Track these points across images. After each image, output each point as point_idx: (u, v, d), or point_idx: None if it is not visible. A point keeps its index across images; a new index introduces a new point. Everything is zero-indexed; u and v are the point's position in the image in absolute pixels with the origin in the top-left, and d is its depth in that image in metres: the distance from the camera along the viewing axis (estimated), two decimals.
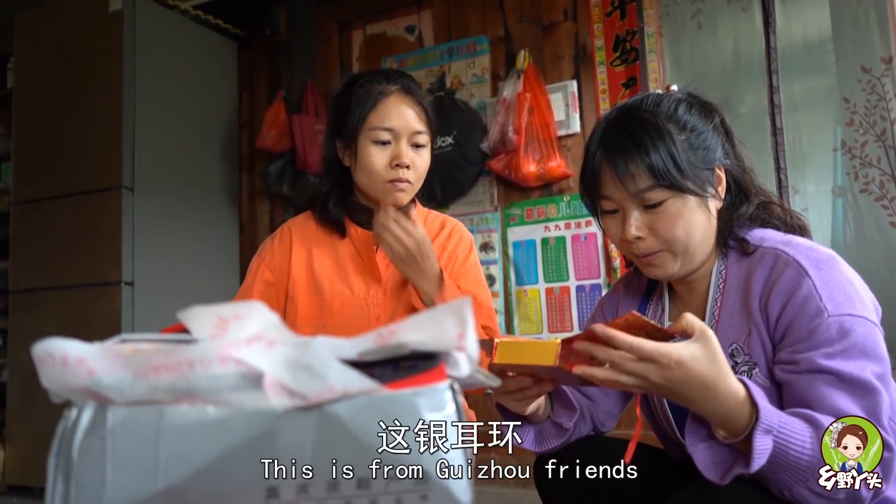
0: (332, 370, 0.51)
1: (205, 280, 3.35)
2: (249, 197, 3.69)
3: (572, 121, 2.90)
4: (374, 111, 1.36)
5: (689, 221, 1.02)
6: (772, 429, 0.85)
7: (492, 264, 3.04)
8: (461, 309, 0.54)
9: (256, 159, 3.65)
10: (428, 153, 1.42)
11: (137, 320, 2.96)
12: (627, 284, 1.28)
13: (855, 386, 0.90)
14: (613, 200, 1.06)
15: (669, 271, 1.07)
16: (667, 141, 1.01)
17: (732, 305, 1.04)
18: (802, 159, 2.57)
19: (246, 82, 3.75)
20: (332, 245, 1.47)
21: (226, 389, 0.51)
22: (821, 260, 0.97)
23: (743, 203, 1.10)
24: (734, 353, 1.02)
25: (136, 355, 0.51)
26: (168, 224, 3.19)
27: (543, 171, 2.84)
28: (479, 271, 1.51)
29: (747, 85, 2.67)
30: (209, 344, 0.51)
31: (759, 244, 1.04)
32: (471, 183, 3.07)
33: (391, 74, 1.40)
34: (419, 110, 1.38)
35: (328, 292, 1.41)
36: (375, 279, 1.43)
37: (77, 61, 3.14)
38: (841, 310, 0.92)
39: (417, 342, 0.55)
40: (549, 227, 2.93)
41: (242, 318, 0.52)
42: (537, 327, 2.91)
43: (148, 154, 3.09)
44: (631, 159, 1.01)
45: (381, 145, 1.37)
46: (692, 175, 1.01)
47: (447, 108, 3.11)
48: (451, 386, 0.57)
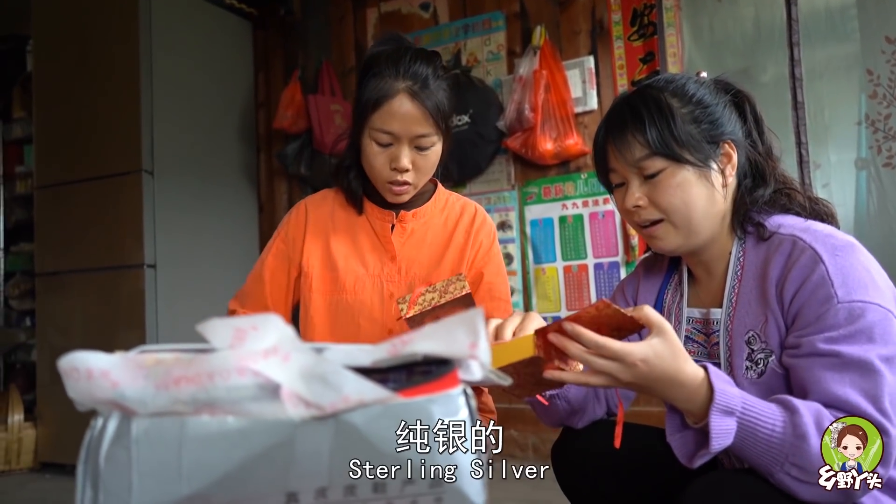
0: (346, 381, 0.52)
1: (225, 260, 3.39)
2: (268, 177, 3.71)
3: (589, 97, 2.88)
4: (378, 111, 1.32)
5: (687, 192, 1.04)
6: (733, 410, 0.87)
7: (509, 243, 3.04)
8: (473, 319, 0.55)
9: (274, 140, 3.67)
10: (434, 152, 1.37)
11: (161, 302, 3.01)
12: (648, 268, 1.28)
13: (854, 368, 0.89)
14: (618, 172, 1.11)
15: (672, 243, 1.08)
16: (665, 112, 1.05)
17: (750, 292, 1.04)
18: (825, 131, 2.53)
19: (261, 62, 3.75)
20: (349, 222, 1.48)
21: (244, 400, 0.52)
22: (837, 246, 0.96)
23: (760, 186, 1.10)
24: (751, 341, 1.02)
25: (158, 367, 0.53)
26: (188, 206, 3.23)
27: (560, 148, 2.83)
28: (500, 259, 1.52)
29: (768, 54, 2.62)
30: (227, 355, 0.52)
31: (775, 230, 1.04)
32: (487, 161, 3.06)
33: (404, 65, 1.33)
34: (424, 113, 1.31)
35: (342, 270, 1.43)
36: (390, 257, 1.44)
37: (94, 44, 3.16)
38: (852, 296, 0.92)
39: (431, 351, 0.56)
40: (567, 205, 2.92)
41: (259, 329, 0.53)
42: (555, 305, 2.92)
43: (166, 137, 3.11)
44: (628, 130, 1.06)
45: (381, 146, 1.35)
46: (691, 146, 1.04)
47: (463, 86, 3.09)
48: (464, 391, 0.59)
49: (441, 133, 1.36)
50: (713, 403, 0.87)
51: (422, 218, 1.48)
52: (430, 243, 1.46)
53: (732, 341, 1.05)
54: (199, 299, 3.18)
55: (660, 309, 1.22)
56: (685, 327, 1.16)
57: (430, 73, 1.34)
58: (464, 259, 1.45)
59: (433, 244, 1.47)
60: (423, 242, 1.46)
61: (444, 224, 1.49)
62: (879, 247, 2.41)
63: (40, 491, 2.90)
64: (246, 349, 0.53)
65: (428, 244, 1.46)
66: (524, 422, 2.88)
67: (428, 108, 1.31)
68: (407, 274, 1.43)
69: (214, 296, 3.24)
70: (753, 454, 0.88)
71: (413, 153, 1.34)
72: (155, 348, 0.57)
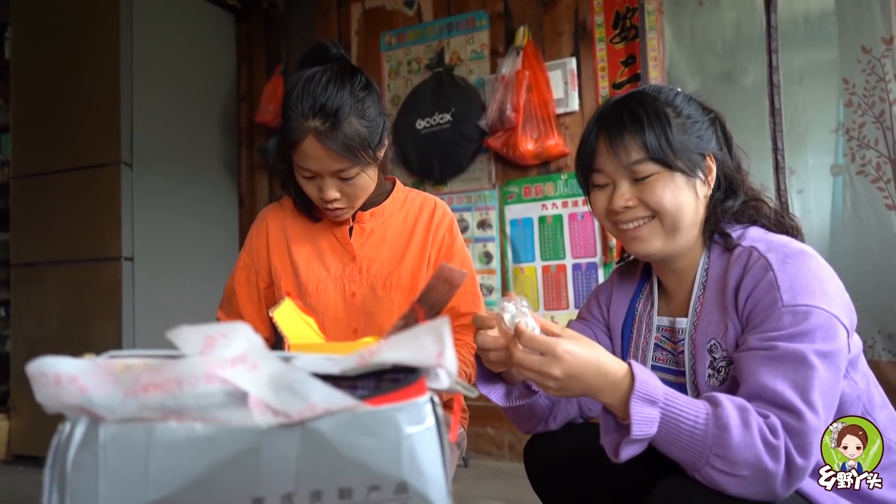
0: (313, 389, 0.53)
1: (204, 254, 3.37)
2: (249, 171, 3.69)
3: (571, 99, 2.90)
4: (293, 150, 1.31)
5: (677, 196, 1.07)
6: (654, 399, 0.89)
7: (489, 242, 3.05)
8: (440, 328, 0.56)
9: (255, 133, 3.65)
10: (361, 179, 1.35)
11: (138, 295, 2.99)
12: (622, 276, 1.30)
13: (788, 360, 0.90)
14: (605, 173, 1.11)
15: (653, 246, 1.10)
16: (662, 120, 1.07)
17: (712, 302, 1.07)
18: (802, 137, 2.56)
19: (244, 55, 3.73)
20: (308, 227, 1.50)
21: (212, 407, 0.53)
22: (788, 255, 0.98)
23: (730, 198, 1.13)
24: (713, 349, 1.04)
25: (126, 373, 0.53)
26: (167, 199, 3.20)
27: (541, 149, 2.84)
28: (464, 252, 1.53)
29: (749, 58, 2.65)
30: (196, 362, 0.53)
31: (738, 241, 1.07)
32: (469, 160, 3.07)
33: (311, 101, 1.29)
34: (336, 152, 1.28)
35: (304, 274, 1.45)
36: (351, 258, 1.46)
37: (73, 32, 3.12)
38: (797, 300, 0.93)
39: (398, 360, 0.57)
40: (547, 206, 2.94)
41: (228, 336, 0.53)
42: (534, 305, 2.94)
43: (146, 129, 3.09)
44: (626, 132, 1.07)
45: (307, 179, 1.35)
46: (683, 155, 1.06)
47: (446, 84, 3.10)
48: (431, 399, 0.59)
49: (362, 163, 1.32)
50: (633, 391, 0.89)
51: (380, 217, 1.49)
52: (391, 242, 1.47)
53: (696, 349, 1.07)
54: (176, 294, 3.16)
55: (632, 316, 1.24)
56: (655, 335, 1.18)
57: (343, 102, 1.29)
58: (425, 255, 1.46)
59: (393, 243, 1.47)
60: (382, 241, 1.47)
61: (403, 221, 1.50)
62: (852, 252, 2.45)
63: (13, 483, 2.87)
64: (215, 356, 0.53)
65: (388, 243, 1.47)
66: (500, 420, 2.90)
67: (336, 149, 1.27)
68: (368, 273, 1.44)
69: (192, 290, 3.23)
70: (678, 448, 0.89)
71: (338, 183, 1.34)
72: (124, 354, 0.58)
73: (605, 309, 1.29)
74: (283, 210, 1.54)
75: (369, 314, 1.42)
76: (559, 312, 2.88)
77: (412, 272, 1.44)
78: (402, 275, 1.43)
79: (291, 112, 1.30)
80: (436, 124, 3.08)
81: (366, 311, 1.42)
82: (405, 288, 1.42)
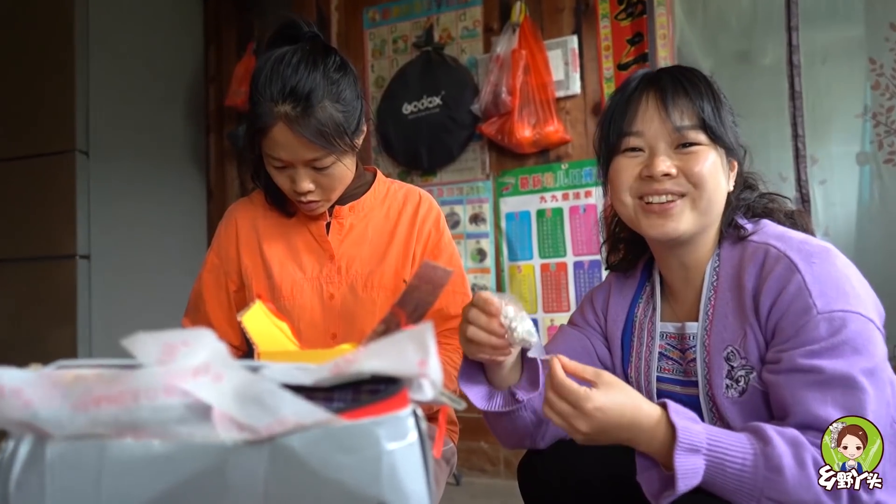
0: (283, 402, 0.53)
1: (169, 252, 3.36)
2: (218, 160, 3.68)
3: (572, 81, 2.90)
4: (264, 137, 1.31)
5: (716, 175, 1.09)
6: (698, 448, 0.90)
7: (482, 237, 3.05)
8: (422, 335, 0.55)
9: (225, 119, 3.64)
10: (337, 168, 1.35)
11: (95, 298, 2.97)
12: (620, 278, 1.30)
13: (837, 384, 0.92)
14: (645, 136, 1.11)
15: (683, 224, 1.09)
16: (716, 93, 1.11)
17: (726, 305, 1.07)
18: (824, 123, 2.57)
19: (213, 33, 3.71)
20: (281, 224, 1.50)
21: (172, 422, 0.52)
22: (813, 253, 0.99)
23: (746, 190, 1.16)
24: (730, 357, 1.05)
25: (77, 384, 0.53)
26: (128, 191, 3.18)
27: (540, 136, 2.84)
28: (452, 249, 1.53)
29: (768, 36, 2.65)
30: (154, 373, 0.53)
31: (750, 235, 1.08)
32: (460, 148, 3.07)
33: (282, 83, 1.29)
34: (309, 139, 1.28)
35: (278, 275, 1.45)
36: (328, 257, 1.46)
37: (24, 8, 3.09)
38: (832, 306, 0.95)
39: (377, 370, 0.56)
40: (546, 198, 2.94)
41: (190, 344, 0.53)
42: (531, 307, 2.94)
43: (104, 114, 3.06)
44: (684, 95, 1.09)
45: (279, 168, 1.35)
46: (730, 133, 1.10)
47: (435, 64, 3.10)
48: (414, 412, 0.59)
49: (338, 151, 1.33)
50: (676, 442, 0.90)
51: (360, 211, 1.49)
52: (372, 239, 1.47)
53: (710, 358, 1.07)
54: (138, 295, 3.14)
55: (631, 323, 1.24)
56: (658, 343, 1.18)
57: (316, 84, 1.29)
58: (409, 253, 1.46)
59: (375, 239, 1.48)
60: (363, 238, 1.47)
61: (385, 216, 1.50)
62: (880, 247, 2.47)
63: None
64: (175, 366, 0.53)
65: (369, 240, 1.47)
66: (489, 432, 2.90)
67: (309, 136, 1.28)
68: (347, 273, 1.44)
69: (156, 293, 3.21)
70: (726, 491, 0.91)
71: (312, 174, 1.35)
72: (75, 363, 0.57)
73: (602, 315, 1.29)
74: (254, 205, 1.54)
75: (349, 317, 1.42)
76: (559, 315, 2.89)
77: (395, 271, 1.44)
78: (385, 274, 1.43)
79: (259, 96, 1.30)
80: (424, 109, 3.08)
81: (345, 315, 1.42)
82: (388, 288, 1.42)
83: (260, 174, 1.46)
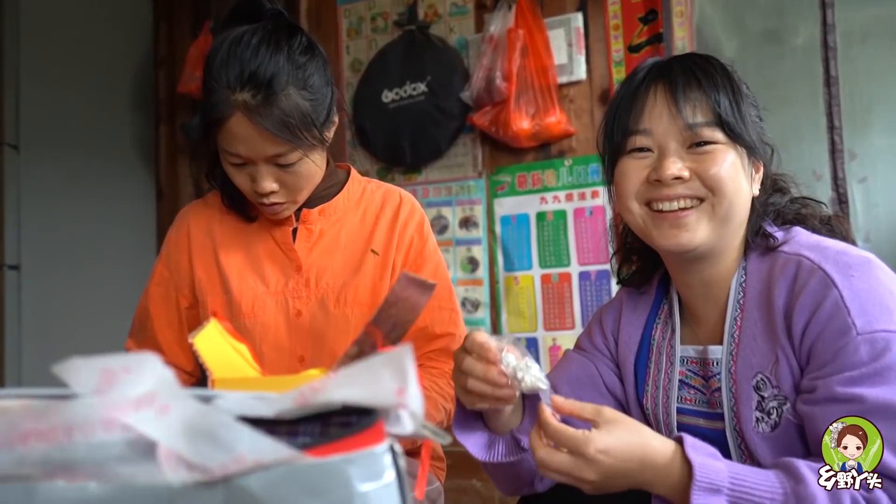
0: (240, 437, 0.53)
1: (113, 261, 3.34)
2: (169, 155, 3.67)
3: (576, 65, 2.91)
4: (220, 130, 1.31)
5: (736, 177, 1.08)
6: (719, 487, 0.90)
7: (474, 244, 3.06)
8: (401, 358, 0.56)
9: (178, 107, 3.63)
10: (306, 164, 1.36)
11: (26, 314, 2.96)
12: (632, 295, 1.31)
13: (880, 417, 0.92)
14: (652, 135, 1.11)
15: (699, 235, 1.09)
16: (735, 85, 1.10)
17: (754, 326, 1.07)
18: (864, 112, 2.58)
19: (163, 10, 3.72)
20: (241, 230, 1.51)
21: (111, 461, 0.52)
22: (851, 265, 1.00)
23: (775, 194, 1.17)
24: (760, 386, 1.05)
25: (1, 418, 0.53)
26: (64, 190, 3.18)
27: (539, 127, 2.85)
28: (438, 258, 1.54)
29: (800, 13, 2.66)
30: (91, 405, 0.52)
31: (780, 244, 1.08)
32: (448, 142, 3.08)
33: (240, 68, 1.28)
34: (271, 132, 1.28)
35: (237, 289, 1.45)
36: (295, 268, 1.46)
37: None
38: (873, 325, 0.95)
39: (349, 399, 0.57)
40: (547, 199, 2.95)
41: (133, 371, 0.53)
42: (530, 324, 2.95)
43: (36, 103, 3.06)
44: (698, 87, 1.09)
45: (237, 166, 1.36)
46: (751, 130, 1.10)
47: (419, 46, 3.11)
48: (391, 448, 0.60)
49: (305, 145, 1.33)
50: (693, 482, 0.90)
51: (331, 215, 1.50)
52: (345, 246, 1.48)
53: (737, 387, 1.07)
54: (76, 312, 3.13)
55: (647, 347, 1.24)
56: (679, 369, 1.18)
57: (279, 69, 1.29)
58: (388, 262, 1.47)
59: (349, 247, 1.48)
60: (335, 246, 1.48)
61: (361, 221, 1.51)
62: None
63: None
64: (115, 397, 0.53)
65: (342, 248, 1.48)
66: None
67: (271, 128, 1.28)
68: (317, 287, 1.44)
69: (97, 308, 3.20)
70: None
71: (276, 171, 1.35)
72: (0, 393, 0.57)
73: (612, 338, 1.30)
74: (209, 208, 1.54)
75: (319, 337, 1.42)
76: (562, 334, 2.90)
77: (372, 284, 1.44)
78: (360, 287, 1.43)
79: (214, 83, 1.30)
80: (407, 97, 3.09)
81: (314, 334, 1.42)
82: (363, 304, 1.42)
83: (216, 172, 1.46)
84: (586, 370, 1.28)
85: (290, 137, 1.30)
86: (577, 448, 0.92)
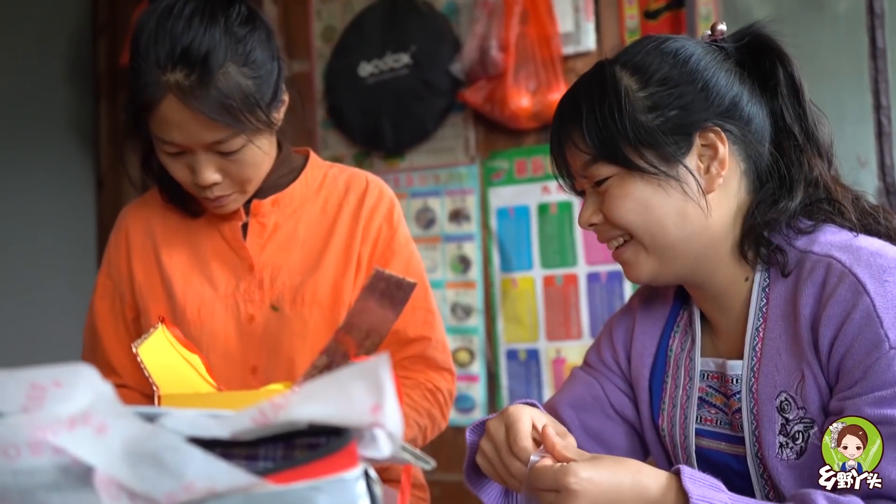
0: (190, 461, 0.53)
1: (46, 263, 3.33)
2: (110, 136, 3.66)
3: (584, 33, 2.91)
4: (150, 115, 1.32)
5: (645, 205, 1.10)
6: None
7: (466, 241, 3.06)
8: (376, 371, 0.56)
9: (120, 80, 3.62)
10: (251, 151, 1.37)
11: None
12: (646, 303, 1.31)
13: None
14: (573, 181, 1.20)
15: (644, 270, 1.14)
16: (611, 100, 1.10)
17: (778, 339, 1.08)
18: None
19: None
20: (184, 228, 1.52)
21: (41, 489, 0.53)
22: (886, 268, 0.99)
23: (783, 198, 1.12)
24: (784, 407, 1.06)
25: None
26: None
27: (542, 105, 2.85)
28: (410, 250, 1.55)
29: None
30: (17, 424, 0.53)
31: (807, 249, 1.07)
32: (436, 122, 3.08)
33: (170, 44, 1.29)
34: (208, 115, 1.29)
35: (180, 293, 1.46)
36: (247, 267, 1.47)
37: None
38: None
39: (316, 418, 0.57)
40: (550, 188, 2.95)
41: (64, 386, 0.53)
42: (531, 333, 2.95)
43: None
44: (568, 125, 1.14)
45: (173, 156, 1.36)
46: (642, 144, 1.08)
47: (402, 11, 3.10)
48: (365, 473, 0.60)
49: (248, 129, 1.34)
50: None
51: (287, 206, 1.51)
52: (304, 241, 1.49)
53: (759, 408, 1.08)
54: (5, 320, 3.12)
55: (663, 360, 1.25)
56: (698, 385, 1.19)
57: (215, 43, 1.30)
58: (351, 257, 1.48)
59: (307, 242, 1.49)
60: (291, 241, 1.49)
61: (321, 211, 1.52)
62: None
63: None
64: (44, 415, 0.53)
65: (300, 243, 1.49)
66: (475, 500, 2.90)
67: (208, 111, 1.29)
68: (272, 288, 1.45)
69: (29, 315, 3.18)
70: None
71: (217, 160, 1.36)
72: None
73: (622, 352, 1.31)
74: (148, 206, 1.55)
75: (273, 345, 1.42)
76: (567, 344, 2.90)
77: (333, 282, 1.45)
78: (319, 286, 1.44)
79: (142, 62, 1.31)
80: (388, 70, 3.09)
81: (269, 342, 1.43)
82: (323, 305, 1.43)
83: (151, 163, 1.46)
84: (591, 391, 1.29)
85: (230, 121, 1.31)
86: (557, 484, 0.94)
